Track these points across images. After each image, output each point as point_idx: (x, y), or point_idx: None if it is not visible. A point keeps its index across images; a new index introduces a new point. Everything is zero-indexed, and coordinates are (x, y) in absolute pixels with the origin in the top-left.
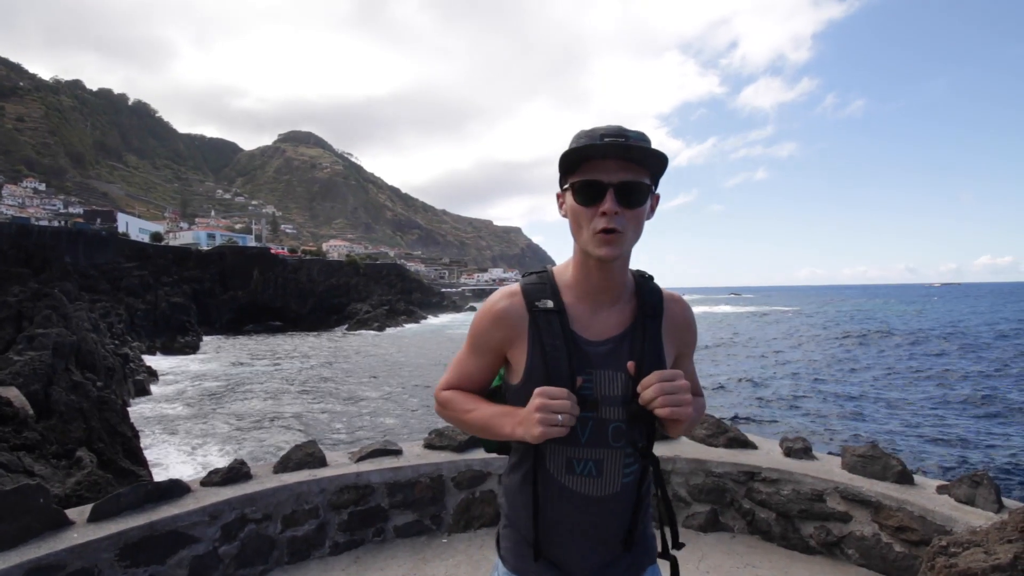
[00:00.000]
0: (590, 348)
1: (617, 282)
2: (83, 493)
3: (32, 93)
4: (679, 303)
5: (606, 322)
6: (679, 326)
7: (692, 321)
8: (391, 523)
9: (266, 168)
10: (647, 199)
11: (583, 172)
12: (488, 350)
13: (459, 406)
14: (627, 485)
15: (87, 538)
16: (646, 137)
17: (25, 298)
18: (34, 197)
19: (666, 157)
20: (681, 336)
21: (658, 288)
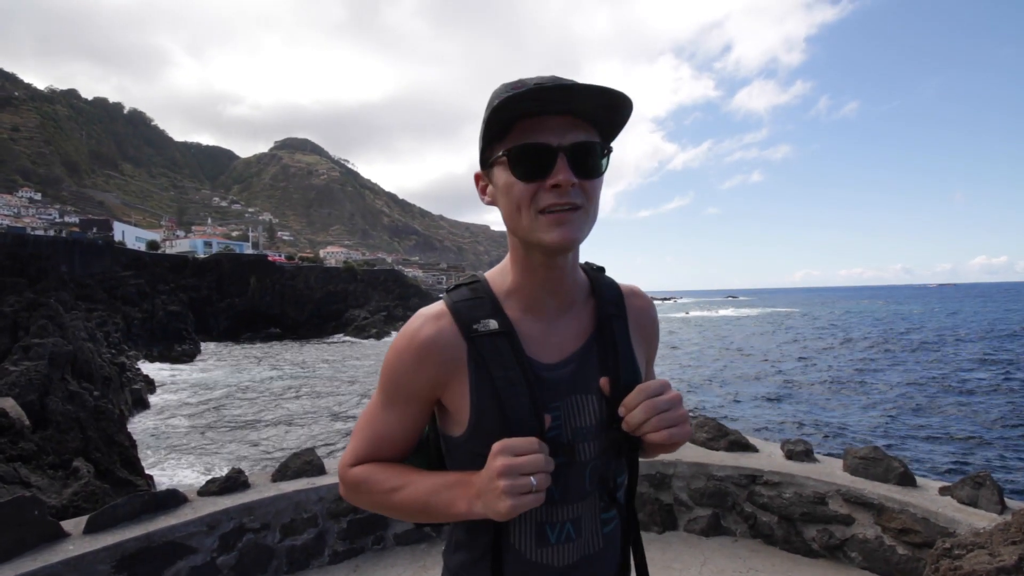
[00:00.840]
0: (551, 373)
1: (569, 281)
2: (80, 504)
3: (27, 103)
4: (641, 297)
5: (563, 335)
6: (646, 324)
7: (656, 319)
8: (391, 531)
9: (262, 175)
10: (606, 166)
11: (518, 135)
12: (411, 398)
13: (380, 486)
14: (609, 537)
15: (83, 550)
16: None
17: (21, 308)
18: (30, 207)
19: (631, 102)
20: (649, 337)
21: (613, 281)
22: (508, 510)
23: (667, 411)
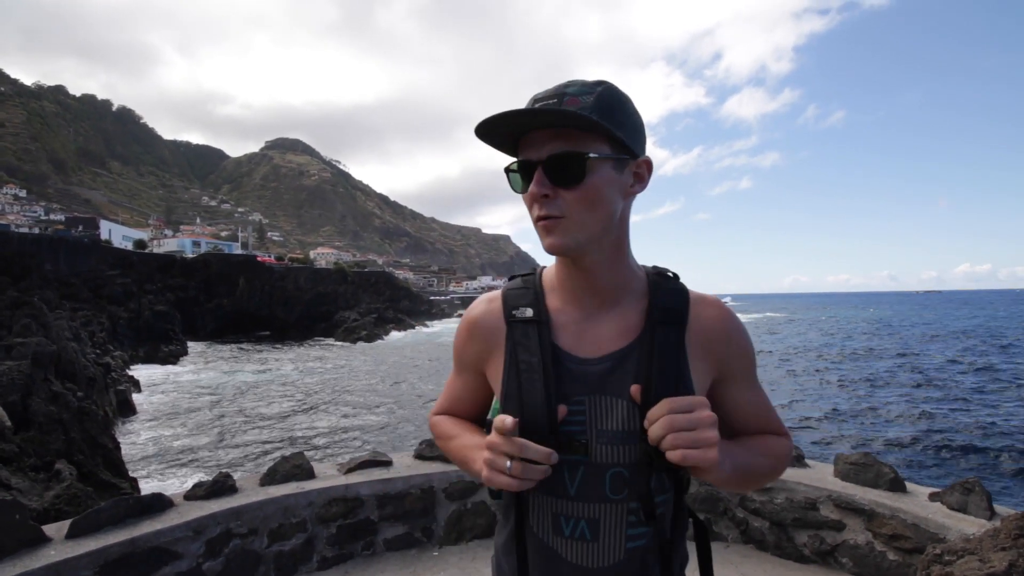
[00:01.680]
0: (581, 367)
1: (606, 281)
2: (62, 507)
3: (13, 98)
4: (715, 307)
5: (604, 333)
6: (715, 338)
7: (737, 332)
8: (381, 536)
9: (253, 175)
10: (590, 172)
11: (520, 150)
12: (465, 367)
13: (443, 434)
14: (634, 553)
15: (65, 555)
16: (594, 89)
17: (4, 307)
18: (14, 203)
19: (585, 120)
20: (720, 353)
21: (683, 288)
22: (485, 481)
23: (686, 430)
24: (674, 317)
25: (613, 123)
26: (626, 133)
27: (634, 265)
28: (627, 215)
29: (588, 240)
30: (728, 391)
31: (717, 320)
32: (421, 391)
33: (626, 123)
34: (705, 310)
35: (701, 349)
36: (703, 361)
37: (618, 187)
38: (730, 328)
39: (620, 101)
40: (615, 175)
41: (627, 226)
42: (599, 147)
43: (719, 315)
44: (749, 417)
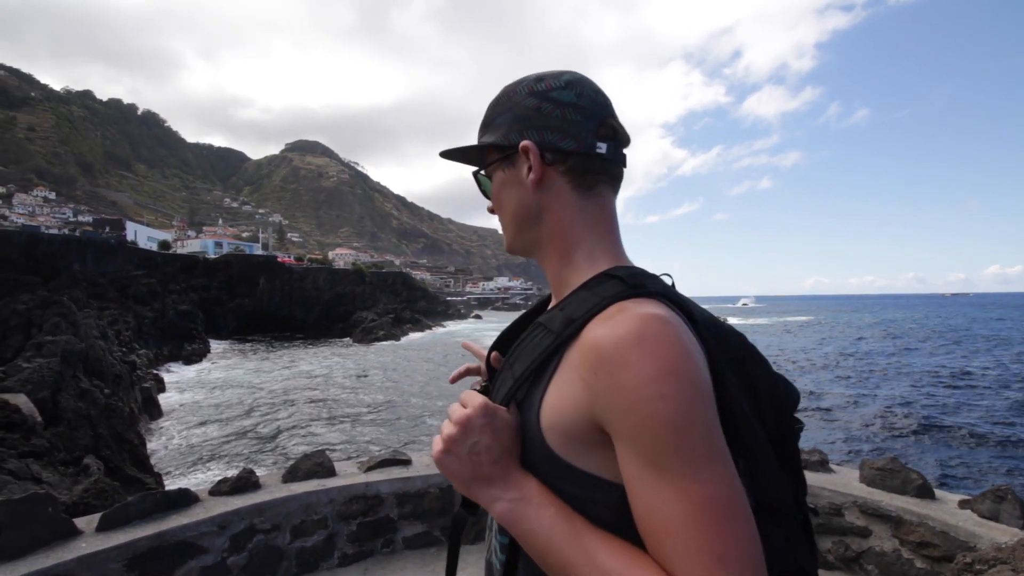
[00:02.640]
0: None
1: (552, 278)
2: (90, 501)
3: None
4: (608, 326)
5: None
6: (586, 365)
7: (620, 368)
8: (400, 534)
9: (273, 177)
10: (488, 183)
11: None
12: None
13: None
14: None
15: (95, 548)
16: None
17: (34, 306)
18: (44, 205)
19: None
20: (590, 388)
21: (602, 291)
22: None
23: (449, 418)
24: (556, 322)
25: (491, 130)
26: (500, 132)
27: (586, 262)
28: (554, 204)
29: (513, 240)
30: (617, 453)
31: (598, 335)
32: (439, 389)
33: (503, 121)
34: (596, 328)
35: (572, 371)
36: (569, 389)
37: (514, 183)
38: (605, 351)
39: (503, 100)
40: (504, 174)
41: (564, 217)
42: (489, 157)
43: (606, 329)
44: (636, 514)
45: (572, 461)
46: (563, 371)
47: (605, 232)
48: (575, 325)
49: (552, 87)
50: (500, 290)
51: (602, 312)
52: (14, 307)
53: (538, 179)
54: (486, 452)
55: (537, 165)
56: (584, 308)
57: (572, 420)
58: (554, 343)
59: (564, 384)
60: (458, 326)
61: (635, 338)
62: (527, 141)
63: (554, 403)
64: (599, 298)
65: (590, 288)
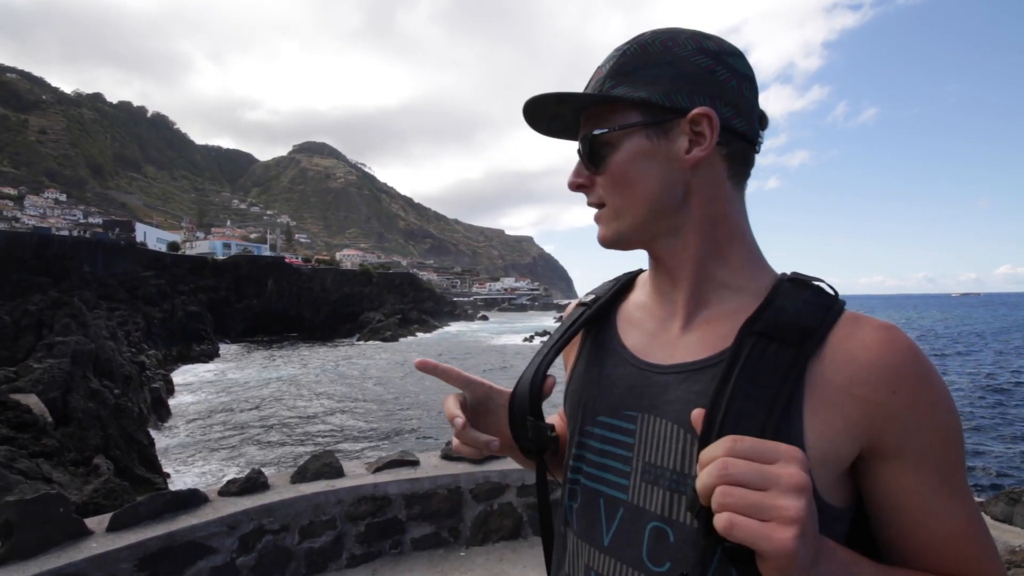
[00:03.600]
0: (639, 372)
1: (692, 277)
2: (100, 501)
3: (55, 106)
4: (877, 332)
5: (685, 338)
6: (867, 379)
7: (917, 382)
8: (408, 535)
9: (281, 178)
10: (611, 149)
11: None
12: None
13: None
14: None
15: (106, 548)
16: (621, 50)
17: (45, 306)
18: (55, 207)
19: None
20: (874, 406)
21: (826, 302)
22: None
23: (749, 487)
24: (789, 333)
25: (635, 82)
26: (659, 87)
27: (747, 261)
28: (707, 191)
29: (634, 228)
30: (887, 477)
31: (876, 351)
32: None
33: (663, 75)
34: (858, 333)
35: (839, 392)
36: (839, 413)
37: (660, 157)
38: (900, 368)
39: (658, 49)
40: (650, 144)
41: (717, 206)
42: (622, 117)
43: (881, 344)
44: (919, 534)
45: (825, 496)
46: (817, 391)
47: (750, 231)
48: (817, 337)
49: (726, 50)
50: (507, 291)
51: (840, 324)
52: (25, 308)
53: (703, 158)
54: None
55: (712, 142)
56: (817, 317)
57: (846, 448)
58: (800, 357)
59: (826, 407)
60: (464, 327)
61: (916, 352)
62: (705, 107)
63: (821, 431)
64: (821, 307)
65: (791, 294)
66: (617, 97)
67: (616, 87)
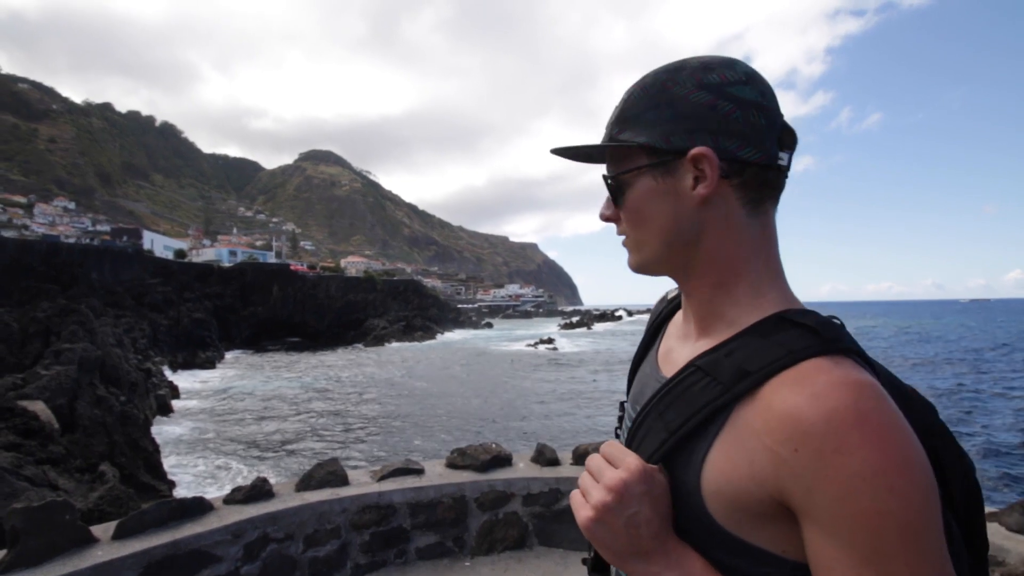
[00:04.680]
0: (650, 377)
1: (698, 305)
2: (105, 508)
3: (64, 115)
4: (807, 388)
5: (683, 356)
6: (774, 436)
7: (820, 443)
8: (413, 544)
9: (287, 186)
10: (626, 189)
11: None
12: None
13: None
14: None
15: (111, 556)
16: (629, 93)
17: (53, 313)
18: (64, 215)
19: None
20: (777, 461)
21: (788, 343)
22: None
23: (591, 477)
24: (724, 372)
25: (636, 127)
26: (657, 131)
27: (750, 296)
28: (717, 224)
29: (650, 260)
30: (805, 536)
31: (793, 402)
32: (452, 400)
33: (660, 118)
34: (797, 382)
35: (752, 437)
36: (746, 457)
37: (669, 195)
38: (811, 426)
39: (657, 91)
40: (656, 184)
41: (725, 240)
42: (631, 160)
43: (806, 397)
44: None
45: (737, 532)
46: (733, 431)
47: (770, 259)
48: (751, 380)
49: (729, 80)
50: (511, 298)
51: (790, 369)
52: (34, 315)
53: (709, 194)
54: (646, 525)
55: (713, 179)
56: (763, 360)
57: (746, 490)
58: (722, 398)
59: (735, 448)
60: (468, 334)
61: (853, 416)
62: (702, 148)
63: (722, 468)
64: (784, 351)
65: (765, 335)
66: (621, 143)
67: (621, 132)
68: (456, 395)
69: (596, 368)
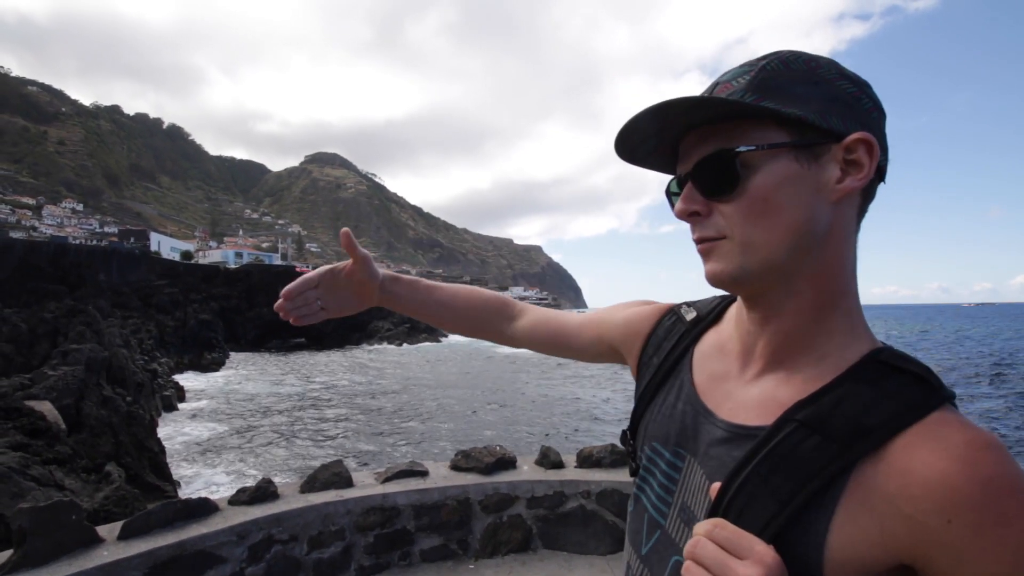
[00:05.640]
0: (701, 419)
1: (785, 334)
2: (111, 508)
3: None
4: (948, 451)
5: (749, 397)
6: (917, 505)
7: (978, 515)
8: (417, 547)
9: (293, 188)
10: (750, 171)
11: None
12: (603, 319)
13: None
14: None
15: (117, 556)
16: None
17: (61, 314)
18: (72, 217)
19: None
20: (922, 532)
21: (904, 393)
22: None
23: (707, 568)
24: (839, 428)
25: (783, 98)
26: (811, 107)
27: (846, 325)
28: (841, 231)
29: (763, 266)
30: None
31: (941, 468)
32: (455, 400)
33: (812, 95)
34: (928, 443)
35: (884, 503)
36: (878, 523)
37: (808, 185)
38: (966, 496)
39: (802, 68)
40: (799, 168)
41: (842, 252)
42: (764, 135)
43: (952, 461)
44: None
45: None
46: (857, 495)
47: (857, 285)
48: (874, 439)
49: (864, 80)
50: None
51: (917, 426)
52: (42, 316)
53: (853, 191)
54: None
55: (870, 172)
56: (882, 415)
57: (873, 557)
58: (841, 460)
59: (863, 513)
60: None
61: (1009, 484)
62: (863, 132)
63: (848, 538)
64: (902, 404)
65: (874, 383)
66: (769, 110)
67: (762, 100)
68: (460, 397)
69: (599, 372)
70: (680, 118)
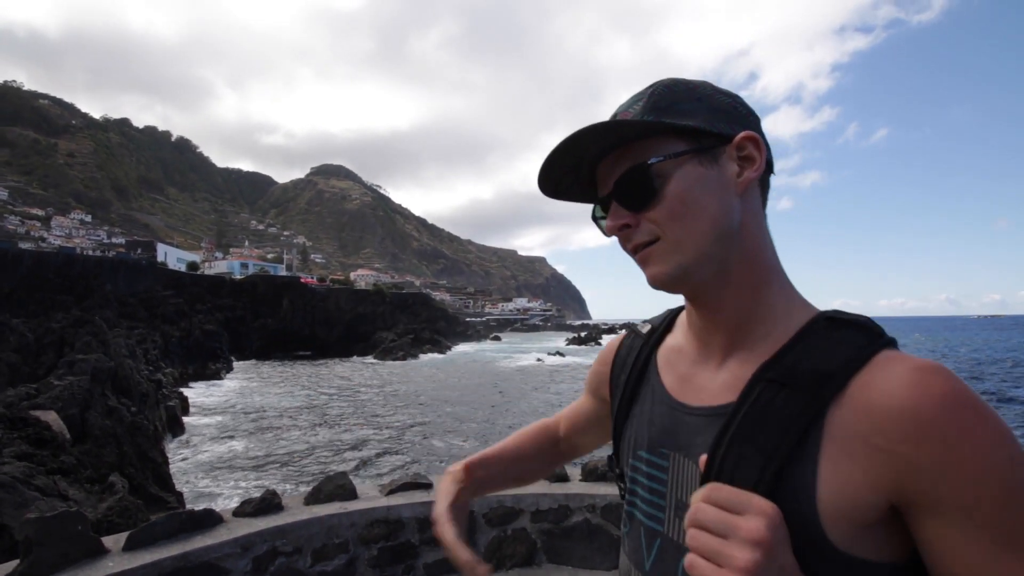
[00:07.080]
0: (674, 412)
1: (729, 314)
2: (114, 519)
3: (84, 131)
4: (902, 379)
5: (714, 380)
6: (888, 428)
7: (947, 428)
8: (421, 560)
9: (298, 200)
10: (665, 179)
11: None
12: (590, 387)
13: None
14: None
15: (122, 567)
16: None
17: (67, 324)
18: (80, 228)
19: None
20: (898, 457)
21: (854, 340)
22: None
23: (712, 532)
24: (803, 378)
25: (676, 114)
26: (700, 118)
27: (783, 297)
28: (752, 218)
29: (697, 259)
30: (930, 534)
31: (900, 397)
32: (459, 413)
33: (698, 108)
34: (885, 376)
35: (858, 442)
36: (858, 465)
37: (715, 183)
38: (927, 417)
39: (684, 89)
40: (704, 170)
41: (759, 236)
42: (668, 147)
43: (908, 388)
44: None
45: (849, 550)
46: (835, 442)
47: (781, 264)
48: (835, 382)
49: (733, 94)
50: (519, 311)
51: (868, 365)
52: (48, 326)
53: (751, 182)
54: (793, 573)
55: (762, 163)
56: (838, 360)
57: (865, 501)
58: (813, 405)
59: (844, 459)
60: (476, 347)
61: (957, 397)
62: (750, 132)
63: (836, 485)
64: (853, 349)
65: (826, 336)
66: (667, 124)
67: (659, 119)
68: (464, 409)
69: None
70: (592, 146)
